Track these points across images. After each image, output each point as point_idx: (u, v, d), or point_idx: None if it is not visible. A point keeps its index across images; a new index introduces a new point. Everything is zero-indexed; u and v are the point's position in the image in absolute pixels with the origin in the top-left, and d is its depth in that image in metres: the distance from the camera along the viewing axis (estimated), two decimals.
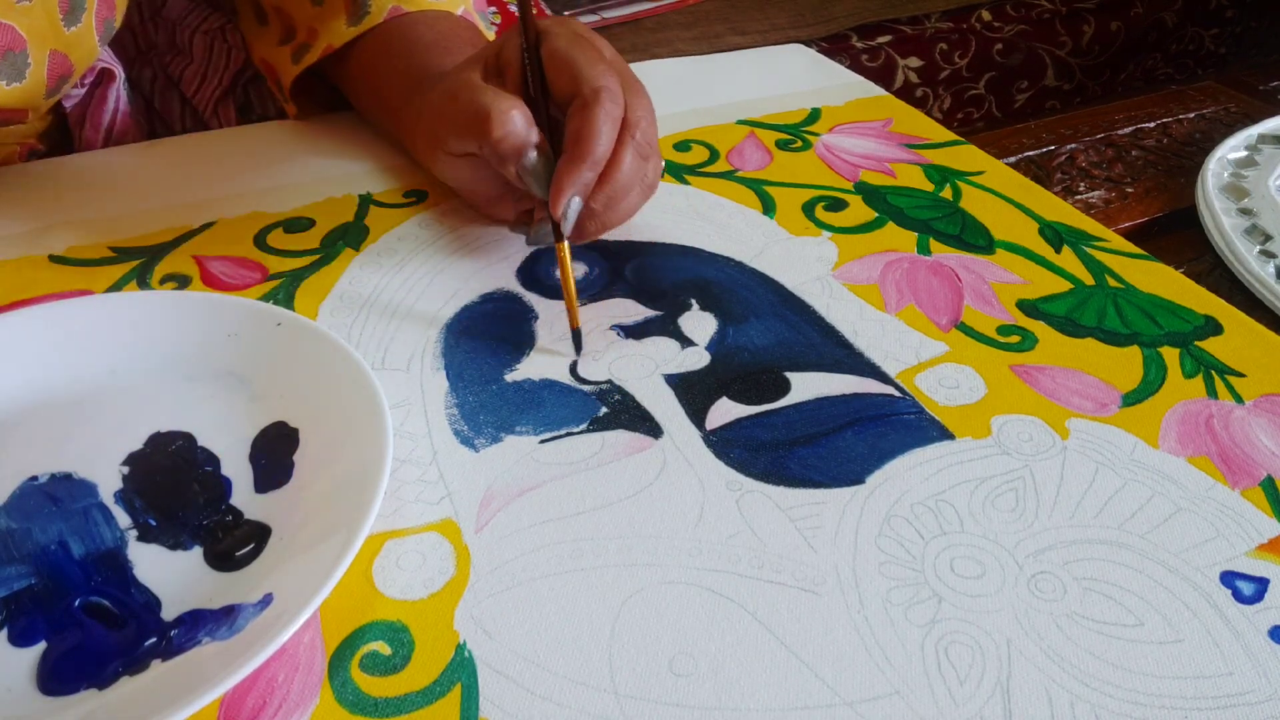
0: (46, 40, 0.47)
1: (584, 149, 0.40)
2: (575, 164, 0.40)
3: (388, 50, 0.53)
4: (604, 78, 0.41)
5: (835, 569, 0.31)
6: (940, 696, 0.28)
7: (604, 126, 0.40)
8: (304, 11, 0.55)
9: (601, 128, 0.40)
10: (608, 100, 0.40)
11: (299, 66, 0.54)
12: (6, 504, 0.33)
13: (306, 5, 0.55)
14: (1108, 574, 0.31)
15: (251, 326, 0.38)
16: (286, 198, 0.50)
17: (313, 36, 0.54)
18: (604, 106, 0.40)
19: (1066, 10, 1.56)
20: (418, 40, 0.52)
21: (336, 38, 0.53)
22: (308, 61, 0.54)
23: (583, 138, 0.40)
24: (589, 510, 0.33)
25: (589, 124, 0.40)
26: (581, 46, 0.42)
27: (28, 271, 0.44)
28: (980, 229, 0.49)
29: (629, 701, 0.27)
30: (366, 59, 0.53)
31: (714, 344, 0.41)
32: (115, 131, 0.59)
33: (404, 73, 0.51)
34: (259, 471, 0.34)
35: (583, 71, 0.41)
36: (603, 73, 0.41)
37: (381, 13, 0.53)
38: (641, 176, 0.43)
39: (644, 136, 0.42)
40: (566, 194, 0.40)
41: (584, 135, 0.40)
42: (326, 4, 0.54)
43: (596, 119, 0.40)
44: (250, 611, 0.29)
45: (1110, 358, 0.41)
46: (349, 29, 0.53)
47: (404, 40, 0.52)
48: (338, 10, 0.54)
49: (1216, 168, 0.56)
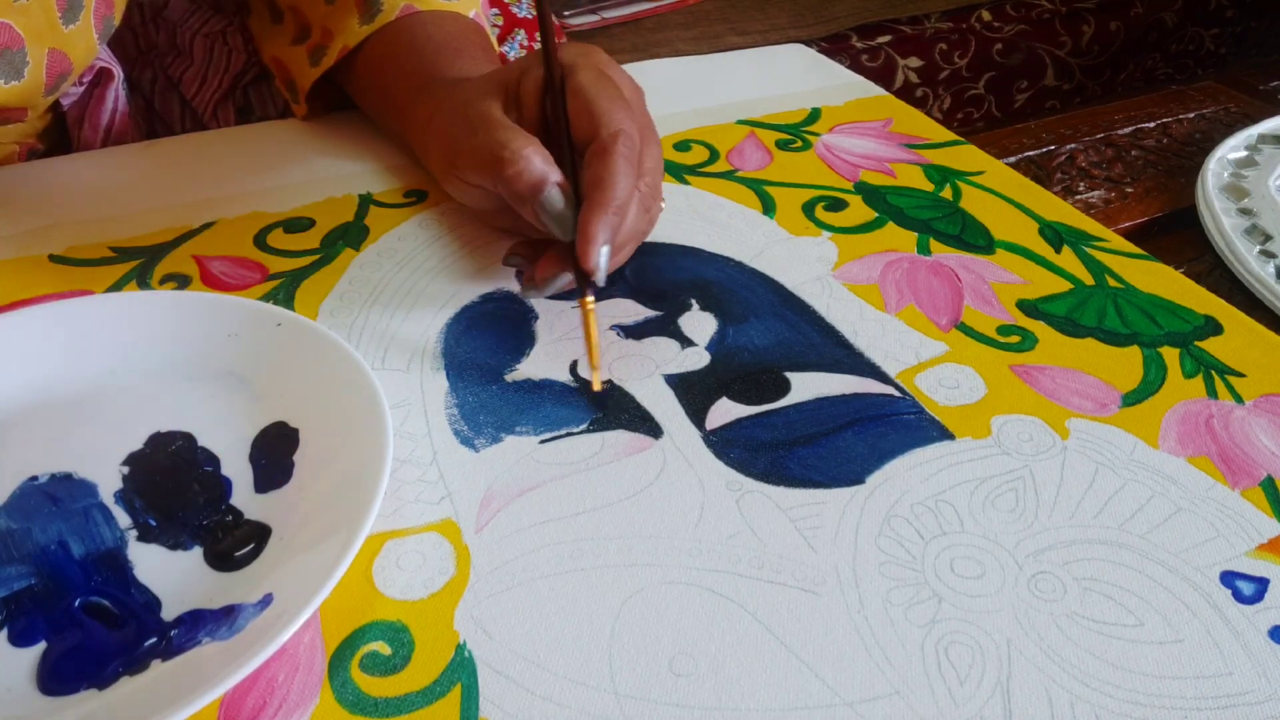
0: (44, 38, 0.47)
1: (607, 196, 0.38)
2: (601, 210, 0.38)
3: (396, 49, 0.52)
4: (624, 121, 0.40)
5: (835, 569, 0.31)
6: (940, 696, 0.28)
7: (623, 171, 0.38)
8: (317, 10, 0.55)
9: (620, 173, 0.38)
10: (624, 145, 0.39)
11: (318, 70, 0.54)
12: (6, 504, 0.33)
13: (319, 4, 0.55)
14: (1108, 574, 0.31)
15: (251, 326, 0.38)
16: (286, 198, 0.50)
17: (327, 37, 0.54)
18: (622, 153, 0.39)
19: (1066, 10, 1.56)
20: (427, 40, 0.52)
21: (351, 37, 0.53)
22: (326, 65, 0.54)
23: (605, 184, 0.38)
24: (589, 510, 0.33)
25: (609, 169, 0.38)
26: (604, 85, 0.41)
27: (28, 271, 0.44)
28: (980, 229, 0.49)
29: (629, 701, 0.27)
30: (374, 58, 0.53)
31: (714, 344, 0.41)
32: (114, 132, 0.59)
33: (412, 72, 0.50)
34: (259, 471, 0.34)
35: (603, 115, 0.40)
36: (622, 117, 0.40)
37: (394, 10, 0.53)
38: (646, 224, 0.42)
39: (650, 187, 0.41)
40: (598, 243, 0.38)
41: (606, 181, 0.38)
42: (338, 2, 0.54)
43: (616, 164, 0.38)
44: (250, 611, 0.29)
45: (1110, 358, 0.41)
46: (362, 27, 0.53)
47: (412, 39, 0.52)
48: (350, 9, 0.53)
49: (1216, 168, 0.56)
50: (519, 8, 1.07)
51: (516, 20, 1.20)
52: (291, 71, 0.56)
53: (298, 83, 0.56)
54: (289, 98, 0.58)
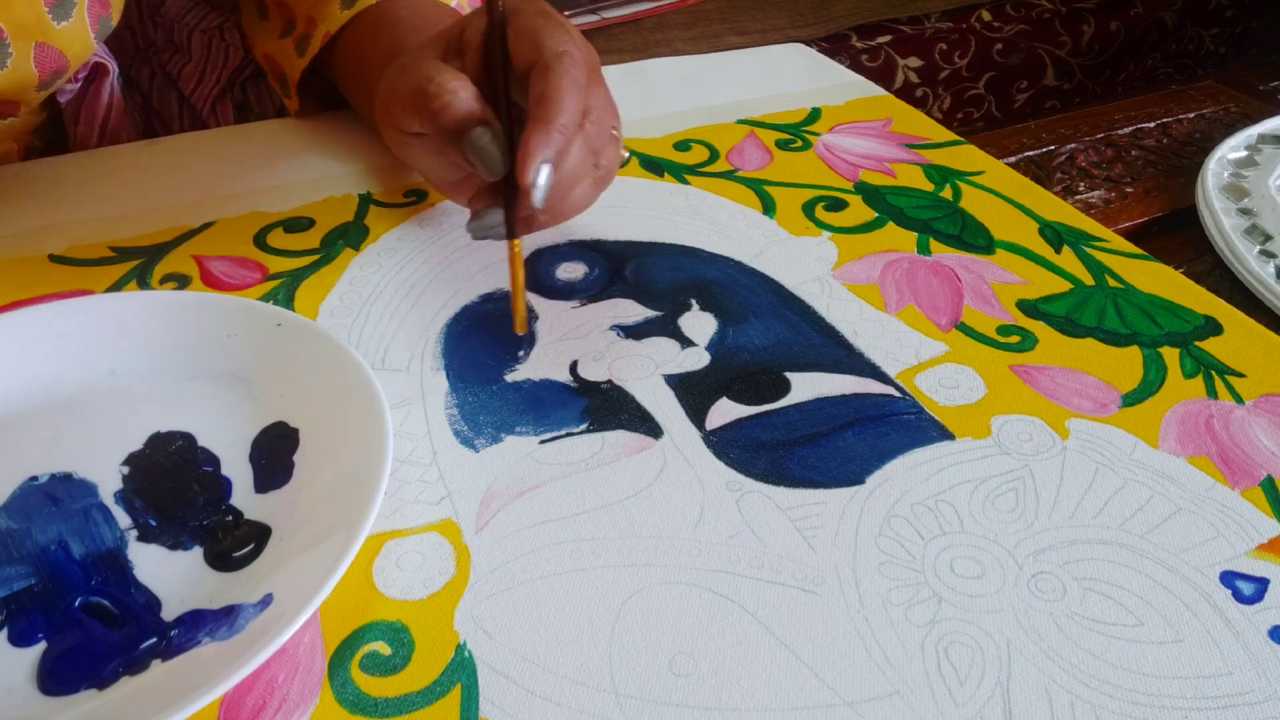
0: (31, 33, 0.47)
1: (551, 110, 0.36)
2: (544, 125, 0.36)
3: (372, 35, 0.52)
4: (568, 44, 0.38)
5: (835, 569, 0.31)
6: (940, 696, 0.28)
7: (570, 88, 0.37)
8: (302, 1, 0.55)
9: (567, 89, 0.37)
10: (570, 64, 0.37)
11: (304, 59, 0.54)
12: (6, 504, 0.33)
13: None
14: (1108, 574, 0.31)
15: (251, 326, 0.38)
16: (286, 198, 0.50)
17: (311, 26, 0.54)
18: (567, 70, 0.37)
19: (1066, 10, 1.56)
20: (398, 22, 0.51)
21: (333, 22, 0.53)
22: (312, 52, 0.54)
23: (548, 98, 0.36)
24: (589, 510, 0.33)
25: (553, 85, 0.37)
26: (548, 20, 0.40)
27: (28, 271, 0.44)
28: (980, 229, 0.49)
29: (629, 701, 0.27)
30: (352, 46, 0.53)
31: (714, 344, 0.41)
32: (110, 127, 0.59)
33: (385, 54, 0.50)
34: (259, 471, 0.34)
35: (546, 39, 0.38)
36: (566, 41, 0.38)
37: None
38: (592, 167, 0.40)
39: (596, 127, 0.39)
40: (536, 157, 0.36)
41: (549, 96, 0.36)
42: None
43: (561, 80, 0.37)
44: (250, 611, 0.29)
45: (1110, 358, 0.41)
46: (343, 12, 0.53)
47: (386, 24, 0.52)
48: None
49: (1216, 168, 0.56)
50: None
51: None
52: (281, 65, 0.56)
53: (288, 76, 0.56)
54: (281, 93, 0.58)
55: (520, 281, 0.38)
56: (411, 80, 0.39)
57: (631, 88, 0.63)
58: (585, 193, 0.41)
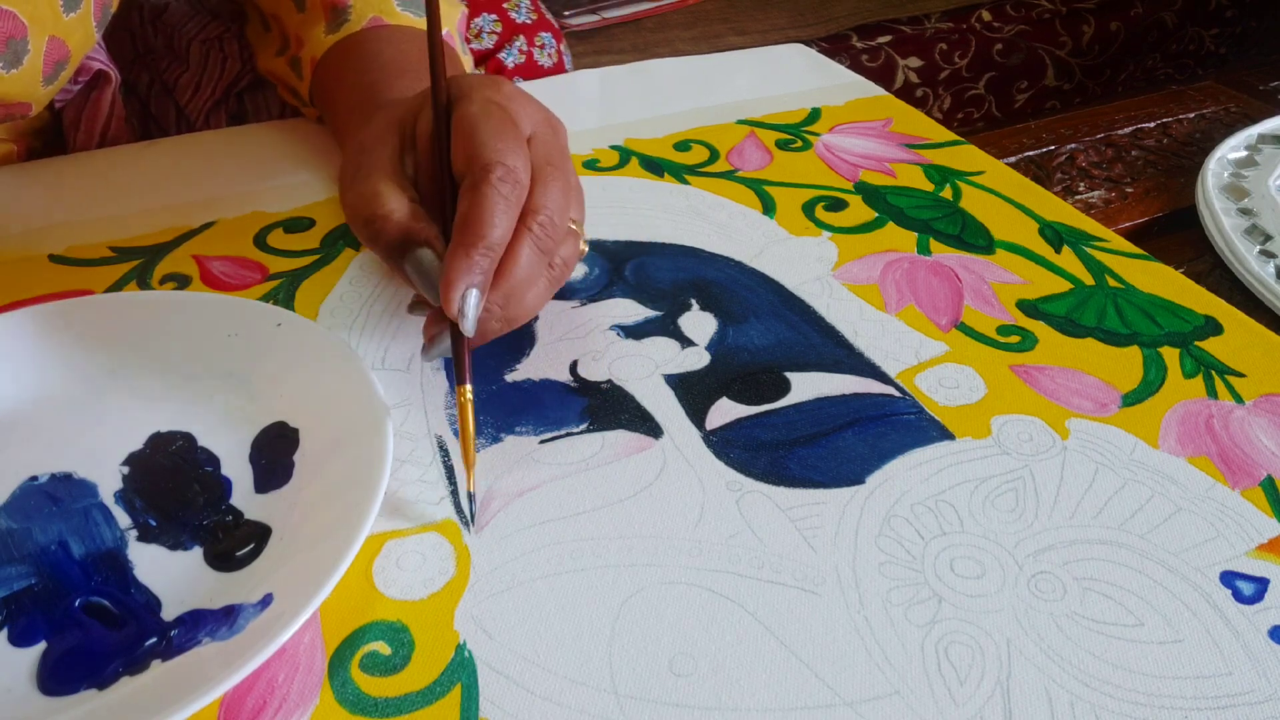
0: (46, 26, 0.47)
1: (473, 233, 0.34)
2: (465, 250, 0.34)
3: (345, 64, 0.50)
4: (505, 154, 0.35)
5: (835, 569, 0.31)
6: (940, 696, 0.28)
7: (496, 206, 0.34)
8: (292, 18, 0.55)
9: (494, 208, 0.34)
10: (498, 180, 0.34)
11: (304, 82, 0.54)
12: (6, 504, 0.33)
13: (293, 11, 0.54)
14: (1108, 574, 0.31)
15: (251, 326, 0.38)
16: (286, 198, 0.50)
17: (299, 46, 0.54)
18: (494, 186, 0.34)
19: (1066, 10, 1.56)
20: (376, 57, 0.49)
21: (318, 48, 0.52)
22: (307, 77, 0.53)
23: (470, 220, 0.34)
24: (589, 510, 0.33)
25: (477, 205, 0.34)
26: (490, 115, 0.36)
27: (28, 271, 0.44)
28: (980, 229, 0.49)
29: (629, 701, 0.27)
30: (327, 71, 0.52)
31: (714, 344, 0.41)
32: (109, 137, 0.59)
33: (355, 88, 0.48)
34: (259, 471, 0.34)
35: (482, 145, 0.35)
36: (503, 149, 0.35)
37: (361, 21, 0.51)
38: (545, 268, 0.37)
39: (546, 229, 0.36)
40: (458, 287, 0.33)
41: (472, 218, 0.34)
42: (309, 10, 0.53)
43: (486, 199, 0.34)
44: (250, 611, 0.29)
45: (1110, 358, 0.41)
46: (327, 36, 0.52)
47: (362, 55, 0.50)
48: (318, 17, 0.53)
49: (1216, 168, 0.56)
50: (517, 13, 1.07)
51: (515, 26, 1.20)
52: (287, 80, 0.56)
53: (299, 91, 0.56)
54: (296, 104, 0.58)
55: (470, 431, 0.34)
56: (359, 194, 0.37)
57: (632, 88, 0.63)
58: (540, 294, 0.38)
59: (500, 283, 0.35)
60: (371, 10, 0.52)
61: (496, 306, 0.36)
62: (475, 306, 0.34)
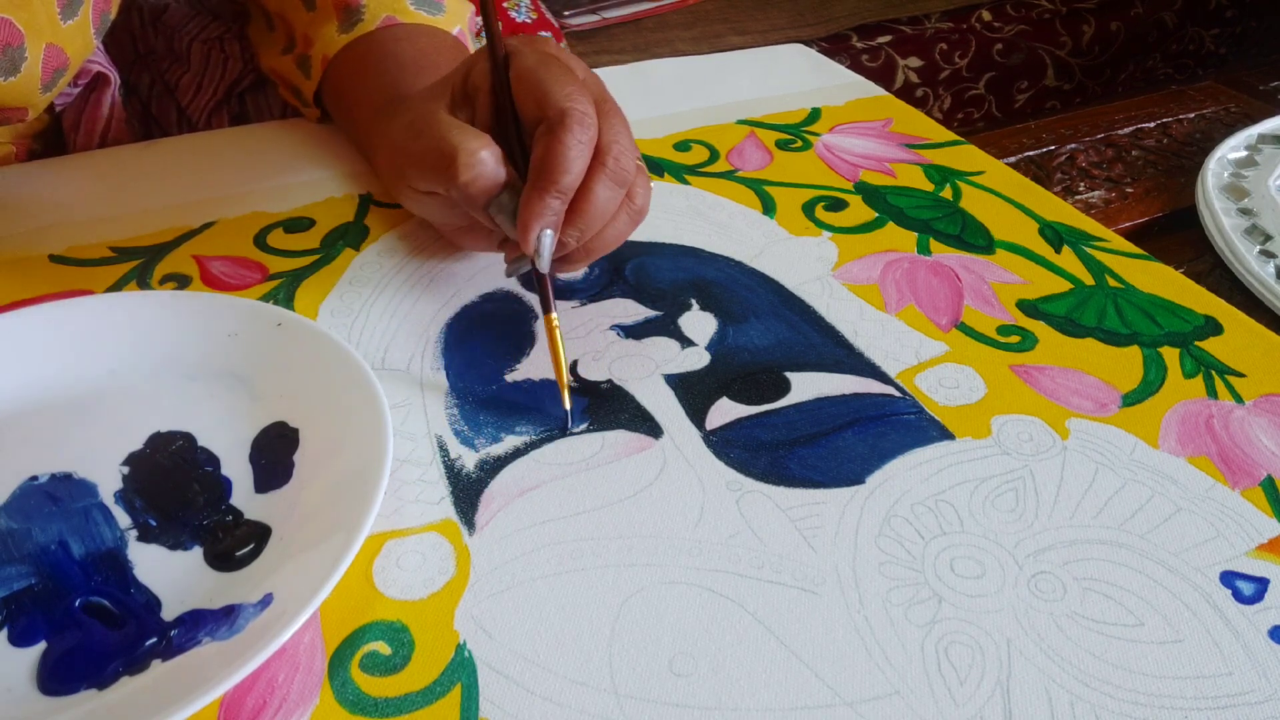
0: (43, 34, 0.47)
1: (549, 177, 0.36)
2: (540, 194, 0.36)
3: (364, 63, 0.51)
4: (573, 99, 0.37)
5: (835, 569, 0.31)
6: (940, 696, 0.28)
7: (571, 151, 0.36)
8: (299, 17, 0.55)
9: (569, 153, 0.36)
10: (575, 123, 0.37)
11: (311, 81, 0.54)
12: (6, 504, 0.33)
13: (301, 10, 0.54)
14: (1108, 574, 0.31)
15: (251, 326, 0.38)
16: (286, 198, 0.50)
17: (307, 45, 0.54)
18: (571, 130, 0.37)
19: (1066, 10, 1.56)
20: (395, 56, 0.50)
21: (330, 46, 0.52)
22: (316, 75, 0.53)
23: (548, 165, 0.36)
24: (589, 510, 0.33)
25: (554, 149, 0.36)
26: (550, 65, 0.39)
27: (28, 271, 0.44)
28: (980, 229, 0.49)
29: (629, 701, 0.27)
30: (343, 70, 0.52)
31: (714, 344, 0.41)
32: (110, 139, 0.59)
33: (376, 89, 0.49)
34: (259, 471, 0.34)
35: (550, 93, 0.38)
36: (572, 94, 0.38)
37: (375, 20, 0.52)
38: (626, 204, 0.40)
39: (619, 163, 0.38)
40: (534, 228, 0.36)
41: (549, 163, 0.36)
42: (319, 9, 0.53)
43: (563, 143, 0.36)
44: (250, 611, 0.29)
45: (1110, 358, 0.41)
46: (340, 36, 0.52)
47: (381, 54, 0.51)
48: (329, 15, 0.53)
49: (1216, 168, 0.56)
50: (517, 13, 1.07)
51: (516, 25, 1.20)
52: (290, 80, 0.56)
53: (302, 90, 0.56)
54: (297, 104, 0.57)
55: (561, 357, 0.37)
56: (430, 143, 0.39)
57: (632, 88, 0.63)
58: (620, 229, 0.40)
59: (576, 220, 0.38)
60: (385, 9, 0.52)
61: (573, 242, 0.38)
62: (549, 245, 0.37)
